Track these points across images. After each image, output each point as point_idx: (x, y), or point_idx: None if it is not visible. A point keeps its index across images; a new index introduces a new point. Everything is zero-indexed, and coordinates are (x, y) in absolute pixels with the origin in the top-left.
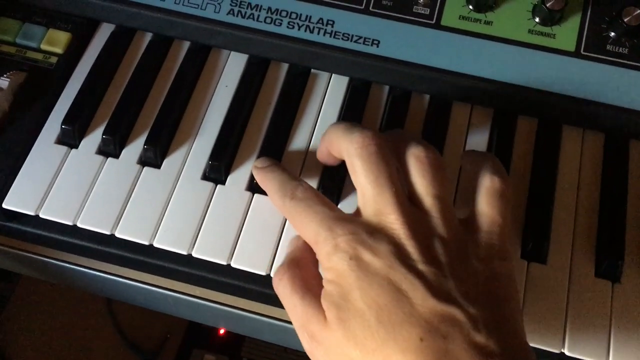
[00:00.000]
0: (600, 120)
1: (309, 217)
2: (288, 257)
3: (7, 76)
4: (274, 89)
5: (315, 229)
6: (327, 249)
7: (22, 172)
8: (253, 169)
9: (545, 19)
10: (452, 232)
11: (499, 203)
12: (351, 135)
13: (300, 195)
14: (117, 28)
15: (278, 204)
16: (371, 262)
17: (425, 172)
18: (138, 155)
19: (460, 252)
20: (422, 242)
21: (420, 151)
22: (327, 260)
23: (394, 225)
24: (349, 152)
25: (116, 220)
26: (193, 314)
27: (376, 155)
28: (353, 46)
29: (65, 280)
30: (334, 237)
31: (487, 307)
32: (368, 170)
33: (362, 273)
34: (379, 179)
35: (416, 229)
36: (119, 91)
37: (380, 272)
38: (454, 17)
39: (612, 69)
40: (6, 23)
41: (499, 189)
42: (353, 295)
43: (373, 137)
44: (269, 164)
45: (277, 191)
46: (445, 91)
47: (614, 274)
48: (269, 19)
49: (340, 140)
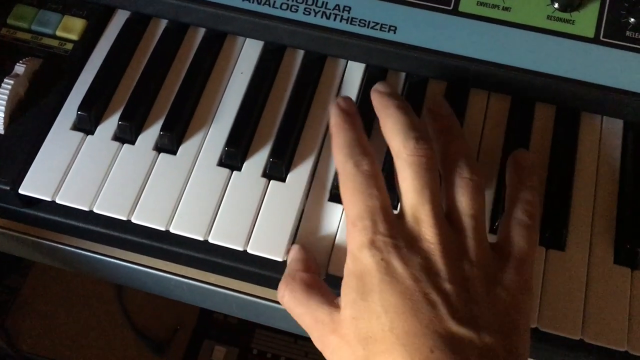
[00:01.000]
0: (620, 107)
1: (360, 198)
2: (285, 272)
3: (23, 62)
4: (289, 76)
5: (360, 212)
6: (362, 239)
7: (38, 158)
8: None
9: (564, 5)
10: (482, 256)
11: (529, 235)
12: (407, 140)
13: (364, 168)
14: (132, 15)
15: (339, 159)
16: (399, 269)
17: (466, 192)
18: (154, 141)
19: (487, 277)
20: (453, 261)
21: (466, 172)
22: (358, 250)
23: (430, 239)
24: (399, 154)
25: (132, 206)
26: (207, 302)
27: (425, 167)
28: (370, 32)
29: (80, 267)
30: (374, 232)
31: (502, 336)
32: (415, 179)
33: (388, 277)
34: (424, 190)
35: (449, 247)
36: (135, 78)
37: (406, 282)
38: (472, 3)
39: (632, 55)
40: (22, 10)
41: (530, 223)
42: (373, 296)
43: (426, 150)
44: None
45: (344, 147)
46: (462, 78)
47: (634, 261)
48: (285, 5)
49: (394, 136)
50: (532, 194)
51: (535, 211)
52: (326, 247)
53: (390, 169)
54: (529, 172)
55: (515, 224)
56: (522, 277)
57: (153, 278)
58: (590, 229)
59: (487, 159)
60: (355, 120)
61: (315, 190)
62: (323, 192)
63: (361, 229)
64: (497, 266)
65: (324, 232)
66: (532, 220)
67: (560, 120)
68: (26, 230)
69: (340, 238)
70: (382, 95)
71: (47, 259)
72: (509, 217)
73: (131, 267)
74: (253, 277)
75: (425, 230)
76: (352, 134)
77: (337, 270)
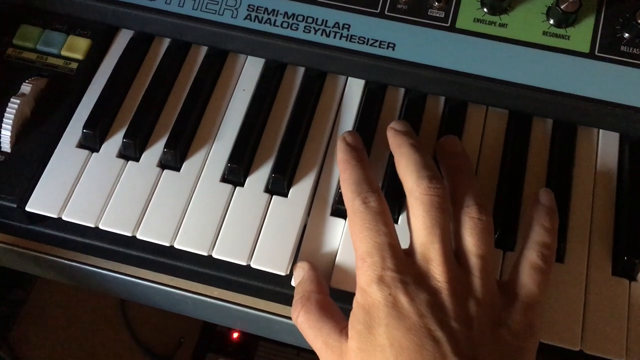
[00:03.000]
0: (615, 120)
1: (369, 235)
2: (298, 293)
3: (29, 82)
4: (290, 92)
5: (369, 249)
6: (371, 274)
7: (44, 176)
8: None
9: (559, 21)
10: (489, 296)
11: (541, 279)
12: (420, 179)
13: (372, 204)
14: (135, 34)
15: (347, 196)
16: (406, 305)
17: (474, 232)
18: (158, 158)
19: (493, 318)
20: (459, 300)
21: (475, 213)
22: (366, 284)
23: (438, 278)
24: (412, 192)
25: (137, 222)
26: (211, 316)
27: (437, 206)
28: (369, 49)
29: (85, 282)
30: (383, 268)
31: None
32: (427, 218)
33: (395, 312)
34: (434, 229)
35: (457, 286)
36: (139, 96)
37: (412, 317)
38: (469, 20)
39: (627, 69)
40: (27, 30)
41: (543, 267)
42: (379, 330)
43: (438, 189)
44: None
45: (352, 184)
46: (460, 93)
47: (631, 273)
48: (286, 23)
49: (407, 174)
50: (550, 236)
51: (551, 254)
52: (329, 261)
53: (390, 182)
54: (545, 213)
55: (527, 265)
56: (529, 320)
57: (157, 293)
58: (588, 241)
59: (486, 173)
60: (362, 155)
61: (317, 204)
62: (325, 206)
63: (370, 264)
64: (503, 307)
65: (326, 246)
66: (546, 264)
67: (557, 134)
68: (32, 247)
69: (342, 252)
70: (397, 134)
71: (53, 275)
72: (522, 257)
73: (136, 282)
74: (256, 291)
75: (433, 268)
76: (359, 171)
77: (340, 284)
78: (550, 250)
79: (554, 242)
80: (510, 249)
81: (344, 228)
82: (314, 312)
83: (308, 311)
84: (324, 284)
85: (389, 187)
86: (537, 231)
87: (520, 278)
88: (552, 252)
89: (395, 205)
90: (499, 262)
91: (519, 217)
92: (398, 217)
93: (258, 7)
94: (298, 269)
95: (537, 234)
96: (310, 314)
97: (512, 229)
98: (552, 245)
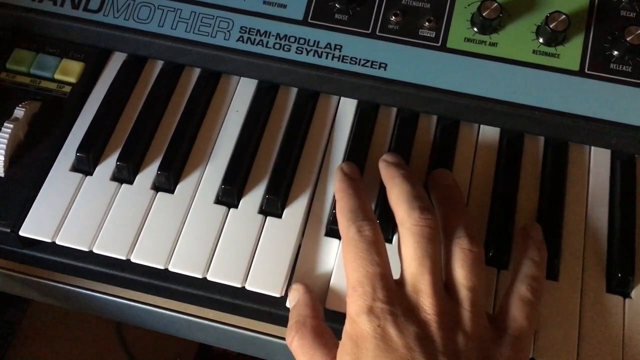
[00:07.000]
0: (607, 137)
1: (362, 264)
2: (294, 317)
3: (22, 106)
4: (283, 113)
5: (360, 278)
6: (361, 304)
7: (38, 200)
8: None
9: (549, 40)
10: (478, 329)
11: (530, 312)
12: (412, 209)
13: (366, 234)
14: (128, 57)
15: (342, 223)
16: (394, 337)
17: (465, 264)
18: (152, 181)
19: (482, 351)
20: (448, 332)
21: (466, 244)
22: (356, 314)
23: (428, 310)
24: (404, 222)
25: (131, 246)
26: (206, 337)
27: (428, 237)
28: (361, 70)
29: (79, 306)
30: (373, 299)
31: None
32: (418, 249)
33: (383, 343)
34: (424, 260)
35: (446, 318)
36: (132, 118)
37: (400, 350)
38: (460, 40)
39: (617, 86)
40: (21, 54)
41: (532, 299)
42: None
43: (429, 220)
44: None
45: (347, 212)
46: (452, 112)
47: (625, 290)
48: (278, 44)
49: (399, 204)
50: (538, 269)
51: (540, 287)
52: (324, 282)
53: (384, 202)
54: (535, 247)
55: (516, 298)
56: (517, 354)
57: (152, 315)
58: (582, 258)
59: (478, 191)
60: (358, 185)
61: (312, 225)
62: (319, 227)
63: (361, 294)
64: (493, 340)
65: (321, 267)
66: (534, 297)
67: (549, 151)
68: (26, 271)
69: (337, 273)
70: (389, 166)
71: (48, 298)
72: (512, 290)
73: (131, 305)
74: (252, 312)
75: (423, 300)
76: (355, 200)
77: (334, 305)
78: (539, 283)
79: (543, 275)
80: (504, 267)
81: (338, 248)
82: (307, 338)
83: (302, 337)
84: (319, 308)
85: (382, 207)
86: (526, 264)
87: (510, 310)
88: (541, 285)
89: (388, 226)
90: (493, 280)
91: (512, 235)
92: (392, 237)
93: (250, 29)
94: (293, 291)
95: (527, 267)
96: (305, 340)
97: (505, 248)
98: (541, 278)
